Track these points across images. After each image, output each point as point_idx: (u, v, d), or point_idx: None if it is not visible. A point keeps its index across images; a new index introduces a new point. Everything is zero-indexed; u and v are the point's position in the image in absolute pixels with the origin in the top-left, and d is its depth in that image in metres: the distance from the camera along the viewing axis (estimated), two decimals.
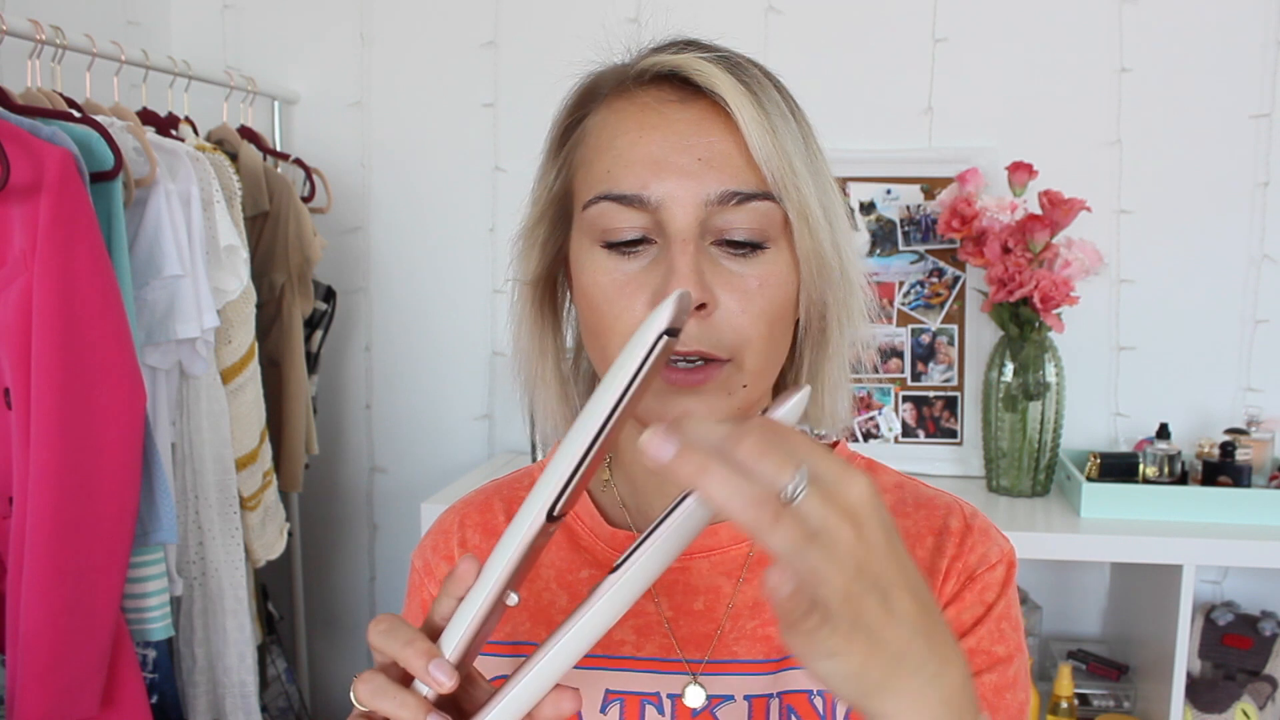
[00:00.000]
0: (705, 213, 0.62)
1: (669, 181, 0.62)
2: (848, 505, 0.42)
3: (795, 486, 0.41)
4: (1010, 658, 0.67)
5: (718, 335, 0.62)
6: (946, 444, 1.82)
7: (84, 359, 1.18)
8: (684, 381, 0.62)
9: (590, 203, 0.64)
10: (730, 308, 0.62)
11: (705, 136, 0.62)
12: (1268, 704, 1.60)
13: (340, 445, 2.07)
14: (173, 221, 1.40)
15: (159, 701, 1.43)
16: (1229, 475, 1.58)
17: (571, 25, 1.87)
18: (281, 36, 1.99)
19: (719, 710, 0.67)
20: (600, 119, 0.66)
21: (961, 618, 0.67)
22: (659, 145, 0.62)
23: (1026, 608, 1.79)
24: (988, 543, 0.69)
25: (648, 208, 0.62)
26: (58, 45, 1.37)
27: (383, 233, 2.00)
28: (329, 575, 2.11)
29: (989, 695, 0.66)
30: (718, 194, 0.62)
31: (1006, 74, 1.79)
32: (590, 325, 0.66)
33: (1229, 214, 1.76)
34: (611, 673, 0.69)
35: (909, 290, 1.82)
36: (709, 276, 0.62)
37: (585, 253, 0.65)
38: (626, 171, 0.63)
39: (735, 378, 0.64)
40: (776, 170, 0.62)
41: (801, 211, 0.63)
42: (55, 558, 1.17)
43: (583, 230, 0.66)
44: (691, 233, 0.62)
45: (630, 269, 0.63)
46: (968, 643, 0.66)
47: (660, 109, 0.63)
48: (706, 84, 0.62)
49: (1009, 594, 0.68)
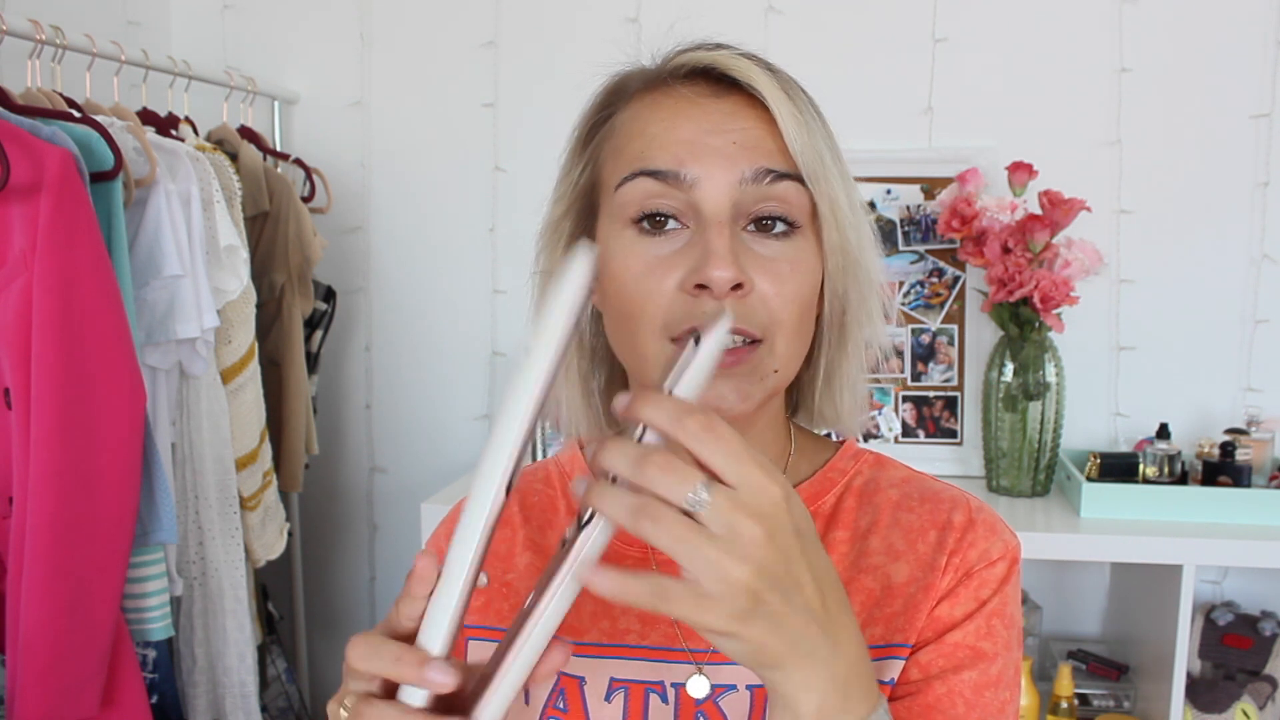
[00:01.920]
0: (739, 193, 0.63)
1: (704, 160, 0.63)
2: (758, 510, 0.48)
3: (695, 498, 0.47)
4: (995, 655, 0.66)
5: (753, 315, 0.63)
6: (946, 444, 1.82)
7: (84, 359, 1.18)
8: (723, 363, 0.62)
9: (625, 180, 0.65)
10: (764, 289, 0.63)
11: (740, 123, 0.64)
12: (1268, 704, 1.60)
13: (340, 445, 2.07)
14: (173, 221, 1.40)
15: (159, 701, 1.43)
16: (1229, 475, 1.58)
17: (572, 25, 1.87)
18: (281, 36, 1.99)
19: (722, 699, 0.68)
20: (632, 112, 0.67)
21: (954, 613, 0.67)
22: (693, 130, 0.64)
23: (1026, 608, 1.79)
24: (991, 538, 0.69)
25: (682, 185, 0.63)
26: (58, 45, 1.37)
27: (383, 233, 2.00)
28: (329, 575, 2.11)
29: (967, 692, 0.65)
30: (752, 171, 0.63)
31: (1006, 74, 1.79)
32: (618, 310, 0.66)
33: (1229, 214, 1.76)
34: (616, 660, 0.69)
35: (909, 290, 1.82)
36: (744, 259, 0.62)
37: (615, 237, 0.66)
38: (662, 151, 0.64)
39: (768, 361, 0.64)
40: (809, 159, 0.63)
41: (832, 203, 0.64)
42: (55, 558, 1.17)
43: (613, 214, 0.66)
44: (726, 214, 0.63)
45: (661, 251, 0.64)
46: (954, 637, 0.66)
47: (695, 100, 0.65)
48: (743, 78, 0.64)
49: (1007, 591, 0.68)
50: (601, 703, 0.69)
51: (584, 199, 0.70)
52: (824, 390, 0.72)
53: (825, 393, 0.72)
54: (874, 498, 0.72)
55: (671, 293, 0.63)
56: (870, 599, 0.68)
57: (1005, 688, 0.67)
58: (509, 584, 0.74)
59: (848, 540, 0.71)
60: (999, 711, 0.66)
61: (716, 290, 0.61)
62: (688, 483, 0.47)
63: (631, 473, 0.48)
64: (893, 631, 0.67)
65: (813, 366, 0.72)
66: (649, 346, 0.64)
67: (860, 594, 0.68)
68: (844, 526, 0.71)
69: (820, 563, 0.51)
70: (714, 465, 0.48)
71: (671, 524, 0.47)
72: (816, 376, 0.72)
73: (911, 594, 0.67)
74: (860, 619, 0.68)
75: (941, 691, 0.65)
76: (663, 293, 0.63)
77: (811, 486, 0.73)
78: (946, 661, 0.66)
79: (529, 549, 0.75)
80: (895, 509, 0.71)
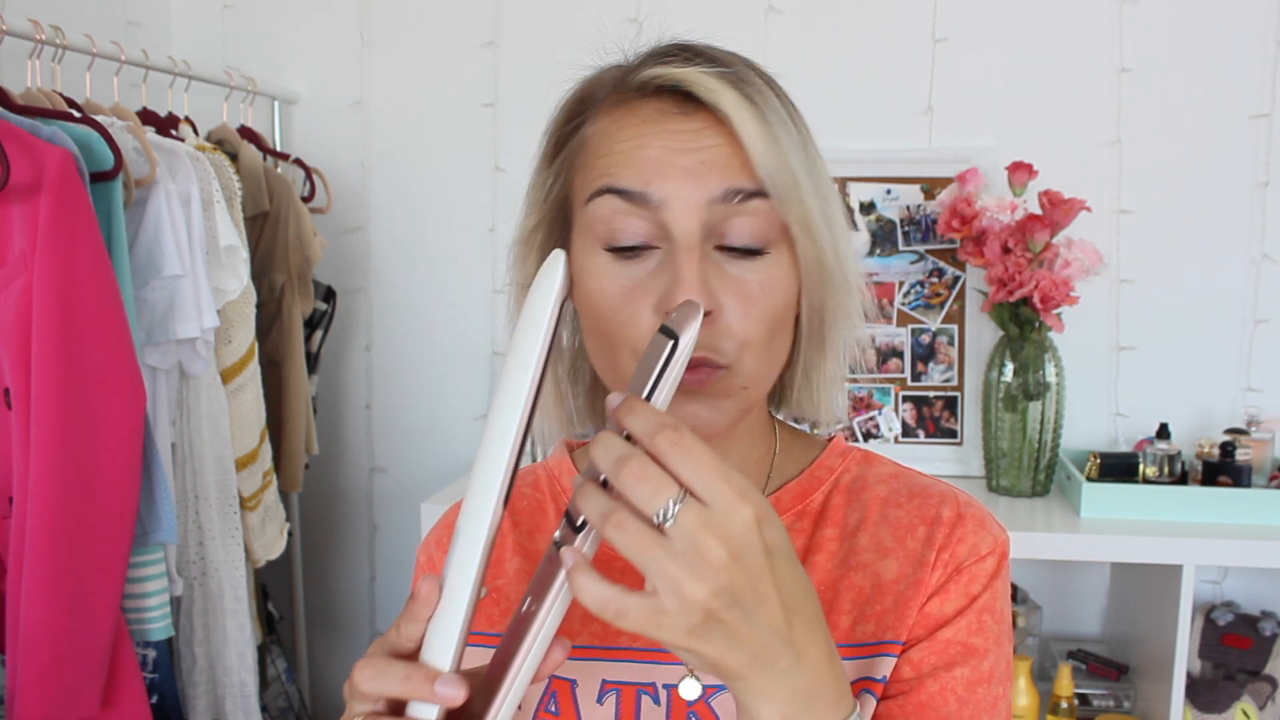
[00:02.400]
0: (708, 213, 0.62)
1: (672, 181, 0.62)
2: (726, 530, 0.48)
3: (666, 510, 0.47)
4: (987, 651, 0.67)
5: (720, 341, 0.62)
6: (946, 444, 1.82)
7: (84, 359, 1.18)
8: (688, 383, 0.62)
9: (593, 195, 0.64)
10: (733, 313, 0.62)
11: (708, 141, 0.63)
12: (1268, 704, 1.60)
13: (340, 445, 2.07)
14: (173, 221, 1.40)
15: (159, 701, 1.43)
16: (1229, 475, 1.58)
17: (572, 25, 1.87)
18: (281, 36, 1.99)
19: (713, 700, 0.68)
20: (601, 127, 0.66)
21: (944, 609, 0.67)
22: (661, 149, 0.62)
23: (1026, 608, 1.79)
24: (980, 533, 0.69)
25: (650, 205, 0.62)
26: (58, 45, 1.37)
27: (383, 233, 2.00)
28: (329, 575, 2.11)
29: (960, 689, 0.65)
30: (721, 191, 0.62)
31: (1006, 74, 1.79)
32: (596, 331, 0.66)
33: (1229, 214, 1.76)
34: (608, 663, 0.69)
35: (909, 290, 1.82)
36: (713, 282, 0.62)
37: (588, 256, 0.65)
38: (629, 170, 0.63)
39: (735, 381, 0.64)
40: (780, 180, 0.62)
41: (804, 221, 0.63)
42: (55, 558, 1.17)
43: (584, 230, 0.65)
44: (695, 237, 0.62)
45: (634, 274, 0.63)
46: (945, 634, 0.66)
47: (661, 120, 0.63)
48: (709, 99, 0.62)
49: (996, 586, 0.68)
50: (594, 705, 0.69)
51: (556, 210, 0.69)
52: (802, 386, 0.72)
53: (804, 388, 0.72)
54: (862, 495, 0.72)
55: (648, 317, 0.62)
56: (861, 597, 0.68)
57: (997, 683, 0.67)
58: (499, 589, 0.74)
59: (837, 538, 0.71)
60: (991, 707, 0.66)
61: None
62: (660, 495, 0.48)
63: (610, 474, 0.49)
64: (883, 629, 0.67)
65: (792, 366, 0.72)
66: (626, 368, 0.64)
67: (850, 592, 0.68)
68: (832, 524, 0.71)
69: (790, 579, 0.51)
70: (685, 481, 0.48)
71: (635, 534, 0.48)
72: (795, 374, 0.72)
73: (901, 590, 0.68)
74: (851, 617, 0.68)
75: (934, 689, 0.66)
76: (639, 317, 0.63)
77: (799, 485, 0.73)
78: (939, 659, 0.66)
79: (518, 553, 0.75)
80: (883, 505, 0.71)
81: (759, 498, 0.49)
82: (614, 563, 0.72)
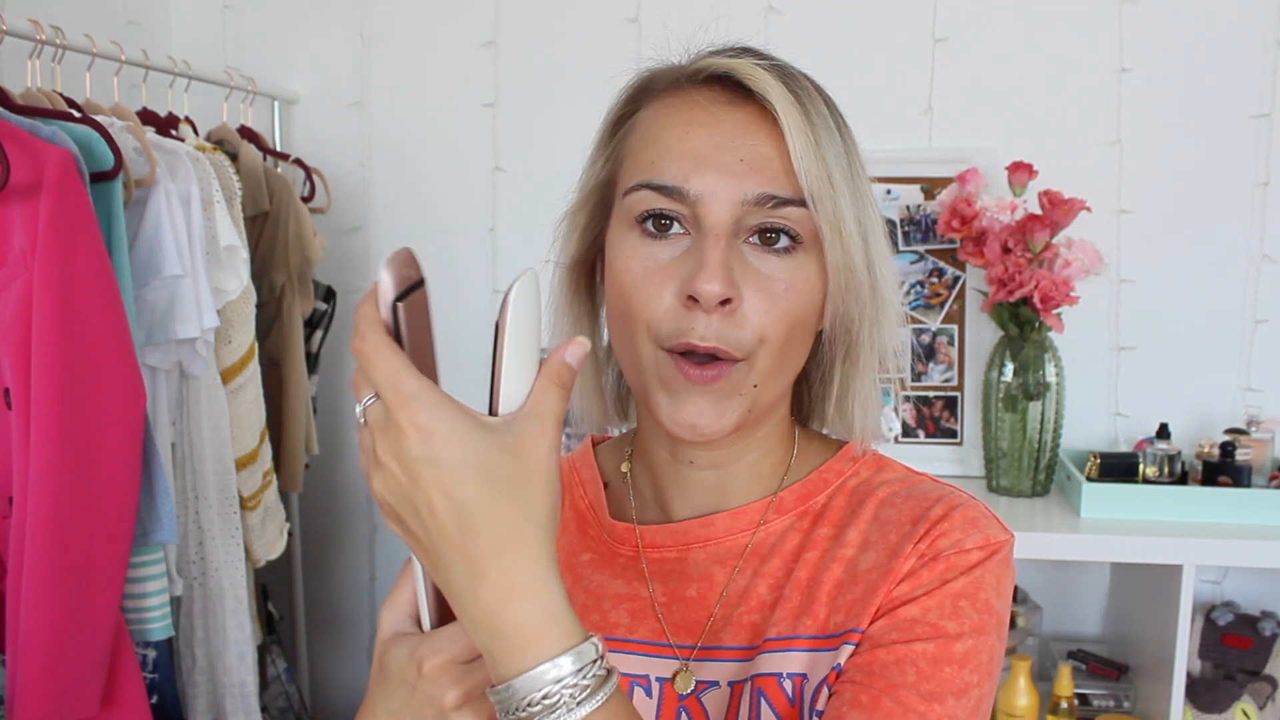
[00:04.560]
0: (740, 211, 0.63)
1: (709, 177, 0.63)
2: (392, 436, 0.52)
3: (360, 409, 0.54)
4: (960, 635, 0.63)
5: (737, 333, 0.63)
6: (946, 444, 1.82)
7: (84, 359, 1.18)
8: (698, 378, 0.64)
9: (631, 189, 0.66)
10: (754, 305, 0.64)
11: (750, 139, 0.64)
12: (1268, 704, 1.60)
13: (340, 445, 2.06)
14: (173, 221, 1.39)
15: (159, 701, 1.43)
16: (1229, 475, 1.58)
17: (571, 25, 1.87)
18: (281, 36, 1.99)
19: (704, 695, 0.68)
20: (651, 112, 0.68)
21: (913, 592, 0.65)
22: (704, 142, 0.64)
23: (1026, 608, 1.79)
24: (968, 529, 0.66)
25: (686, 200, 0.64)
26: (58, 45, 1.37)
27: (383, 233, 2.00)
28: (329, 575, 2.11)
29: (921, 663, 0.62)
30: (755, 195, 0.63)
31: (1006, 74, 1.79)
32: (618, 310, 0.67)
33: (1229, 214, 1.76)
34: None
35: (909, 290, 1.82)
36: (737, 273, 0.63)
37: (621, 237, 0.67)
38: (670, 164, 0.64)
39: (747, 377, 0.65)
40: (815, 180, 0.63)
41: (835, 224, 0.64)
42: (55, 558, 1.17)
43: (620, 216, 0.68)
44: (725, 229, 0.63)
45: (662, 257, 0.65)
46: (909, 610, 0.64)
47: (709, 108, 0.65)
48: (758, 89, 0.64)
49: (981, 577, 0.65)
50: None
51: (601, 192, 0.71)
52: (838, 404, 0.73)
53: (839, 406, 0.73)
54: (865, 497, 0.72)
55: (668, 302, 0.64)
56: (836, 588, 0.67)
57: (973, 670, 0.63)
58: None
59: (830, 537, 0.70)
60: (961, 692, 0.62)
61: (705, 304, 0.62)
62: (360, 394, 0.54)
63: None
64: (850, 617, 0.65)
65: (826, 381, 0.72)
66: (642, 350, 0.66)
67: (829, 584, 0.68)
68: (829, 524, 0.71)
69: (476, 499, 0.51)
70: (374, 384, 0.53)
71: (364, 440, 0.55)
72: (830, 390, 0.72)
73: (874, 580, 0.66)
74: (827, 609, 0.67)
75: (889, 659, 0.63)
76: (659, 301, 0.64)
77: (803, 487, 0.73)
78: (900, 635, 0.63)
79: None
80: (880, 505, 0.71)
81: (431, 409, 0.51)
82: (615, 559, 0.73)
